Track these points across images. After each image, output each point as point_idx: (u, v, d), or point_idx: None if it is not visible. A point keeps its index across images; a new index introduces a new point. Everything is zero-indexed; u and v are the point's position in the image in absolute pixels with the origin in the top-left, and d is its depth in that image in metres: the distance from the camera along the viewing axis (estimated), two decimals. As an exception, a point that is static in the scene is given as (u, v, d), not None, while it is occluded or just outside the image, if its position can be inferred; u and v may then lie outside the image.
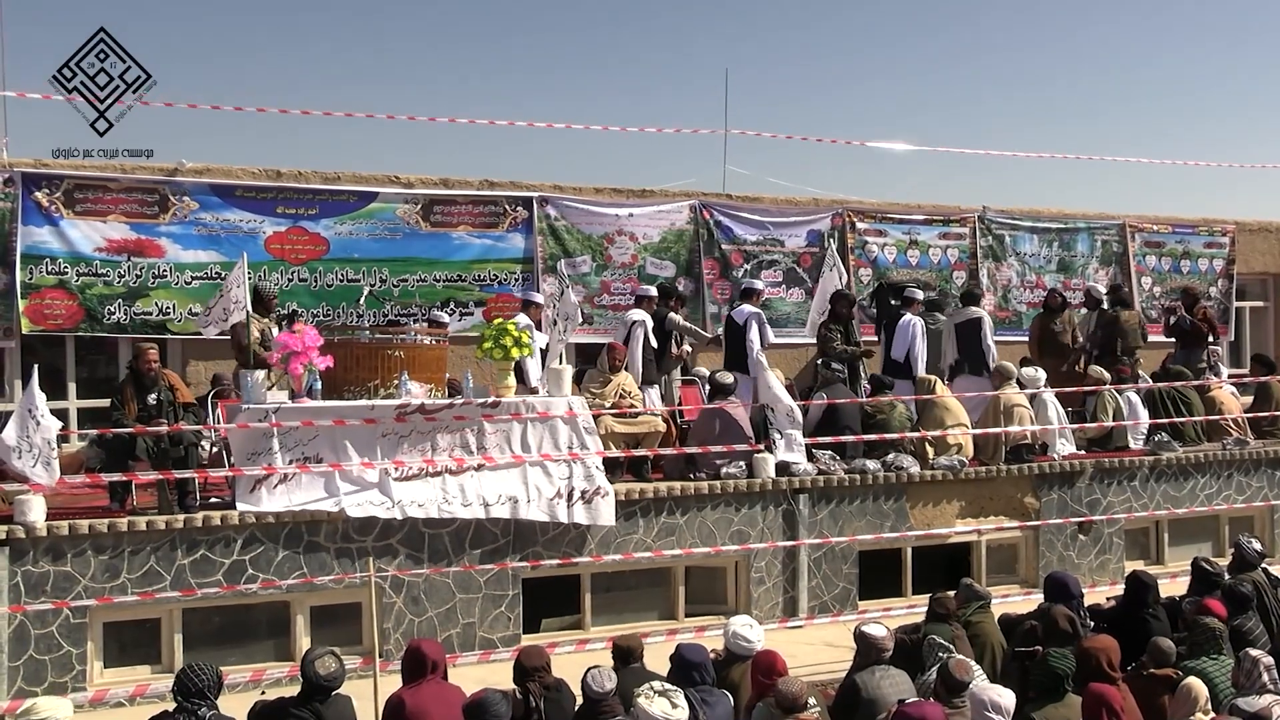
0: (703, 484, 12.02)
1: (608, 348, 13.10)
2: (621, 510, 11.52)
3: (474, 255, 15.78)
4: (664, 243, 16.86)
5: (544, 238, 16.08)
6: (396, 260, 15.33)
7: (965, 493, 13.28)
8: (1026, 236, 19.47)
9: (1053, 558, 13.57)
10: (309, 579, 10.34)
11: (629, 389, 12.77)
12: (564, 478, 11.32)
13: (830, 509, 12.53)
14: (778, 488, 12.28)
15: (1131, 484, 14.15)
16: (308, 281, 14.94)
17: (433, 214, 15.57)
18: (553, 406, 11.54)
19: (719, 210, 17.27)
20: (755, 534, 12.18)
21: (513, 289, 15.84)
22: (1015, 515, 13.54)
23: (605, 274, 16.48)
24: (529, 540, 11.16)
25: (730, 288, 17.10)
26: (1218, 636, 8.45)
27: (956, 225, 18.93)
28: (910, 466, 12.92)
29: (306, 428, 10.53)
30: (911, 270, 18.38)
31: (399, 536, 10.71)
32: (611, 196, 16.75)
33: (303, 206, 14.96)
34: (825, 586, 12.50)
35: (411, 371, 11.18)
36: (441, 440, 11.04)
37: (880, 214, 18.45)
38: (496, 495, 11.00)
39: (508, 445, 11.28)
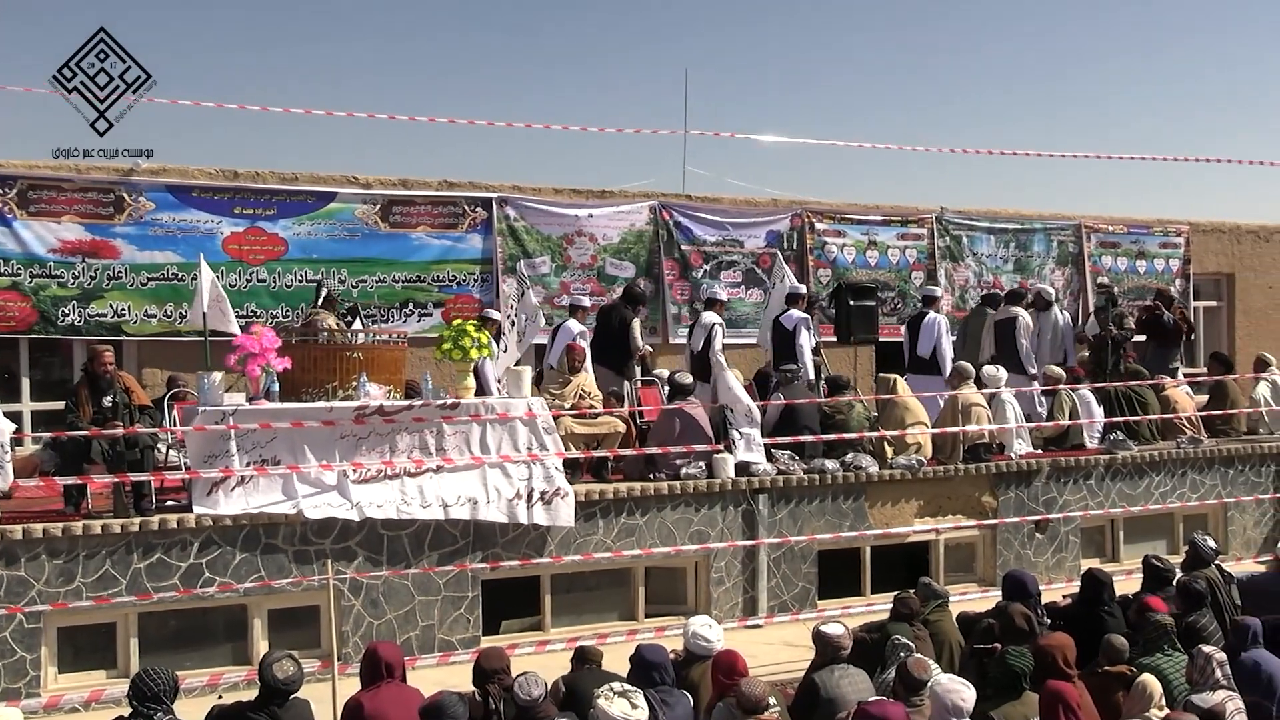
0: (662, 484, 12.02)
1: (567, 349, 13.09)
2: (581, 511, 11.51)
3: (433, 256, 15.73)
4: (624, 243, 16.87)
5: (503, 238, 16.05)
6: (355, 261, 15.27)
7: (924, 492, 13.34)
8: (983, 237, 19.62)
9: (1010, 556, 13.65)
10: (267, 582, 10.27)
11: (588, 390, 12.76)
12: (523, 479, 11.29)
13: (789, 509, 12.56)
14: (737, 488, 12.30)
15: (1087, 483, 14.26)
16: (266, 282, 14.85)
17: (391, 214, 15.52)
18: (512, 408, 11.51)
19: (679, 211, 17.29)
20: (715, 534, 12.19)
21: (472, 290, 15.82)
22: (973, 514, 13.62)
23: (564, 275, 16.47)
24: (488, 541, 11.13)
25: (689, 288, 17.12)
26: (1169, 633, 8.53)
27: (915, 226, 19.04)
28: (869, 466, 12.96)
29: (264, 430, 10.46)
30: (870, 270, 18.47)
31: (358, 538, 10.65)
32: (571, 197, 16.74)
33: (260, 207, 14.89)
34: (784, 586, 12.53)
35: (370, 373, 11.14)
36: (400, 442, 10.99)
37: (839, 215, 18.53)
38: (456, 496, 10.95)
39: (467, 446, 11.24)
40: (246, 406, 10.54)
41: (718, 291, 15.58)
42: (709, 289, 15.44)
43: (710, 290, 15.70)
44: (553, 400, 12.35)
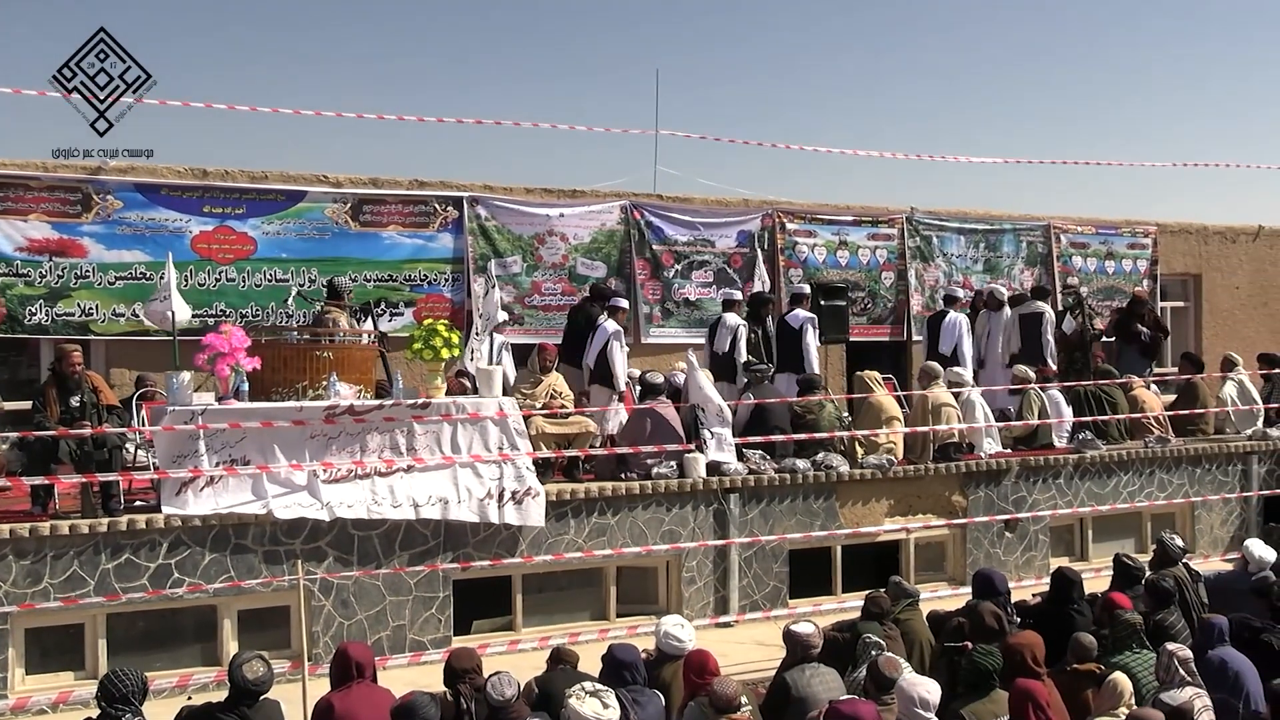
0: (634, 484, 12.03)
1: (538, 349, 13.09)
2: (552, 511, 11.50)
3: (404, 255, 15.69)
4: (595, 243, 16.86)
5: (474, 238, 16.02)
6: (326, 260, 15.21)
7: (894, 491, 13.39)
8: (953, 237, 19.69)
9: (980, 555, 13.72)
10: (236, 582, 10.22)
11: (560, 389, 12.75)
12: (494, 478, 11.28)
13: (761, 508, 12.58)
14: (708, 487, 12.32)
15: (1056, 482, 14.33)
16: (235, 281, 14.78)
17: (362, 213, 15.47)
18: (483, 407, 11.50)
19: (650, 211, 17.29)
20: (686, 533, 12.21)
21: (443, 289, 15.78)
22: (943, 513, 13.67)
23: (536, 274, 16.45)
24: (460, 541, 11.11)
25: (661, 288, 17.13)
26: (1138, 631, 8.59)
27: (885, 226, 19.10)
28: (840, 466, 13.00)
29: (233, 429, 10.41)
30: (841, 270, 18.51)
31: (328, 539, 10.62)
32: (542, 197, 16.73)
33: (230, 205, 14.81)
34: (756, 585, 12.55)
35: (340, 373, 11.10)
36: (371, 441, 10.96)
37: (810, 215, 18.57)
38: (427, 496, 10.93)
39: (438, 446, 11.22)
40: (215, 406, 10.49)
41: (802, 287, 15.81)
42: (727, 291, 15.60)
43: (797, 287, 15.92)
44: (524, 400, 12.34)
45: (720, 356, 14.50)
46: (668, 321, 17.25)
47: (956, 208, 20.01)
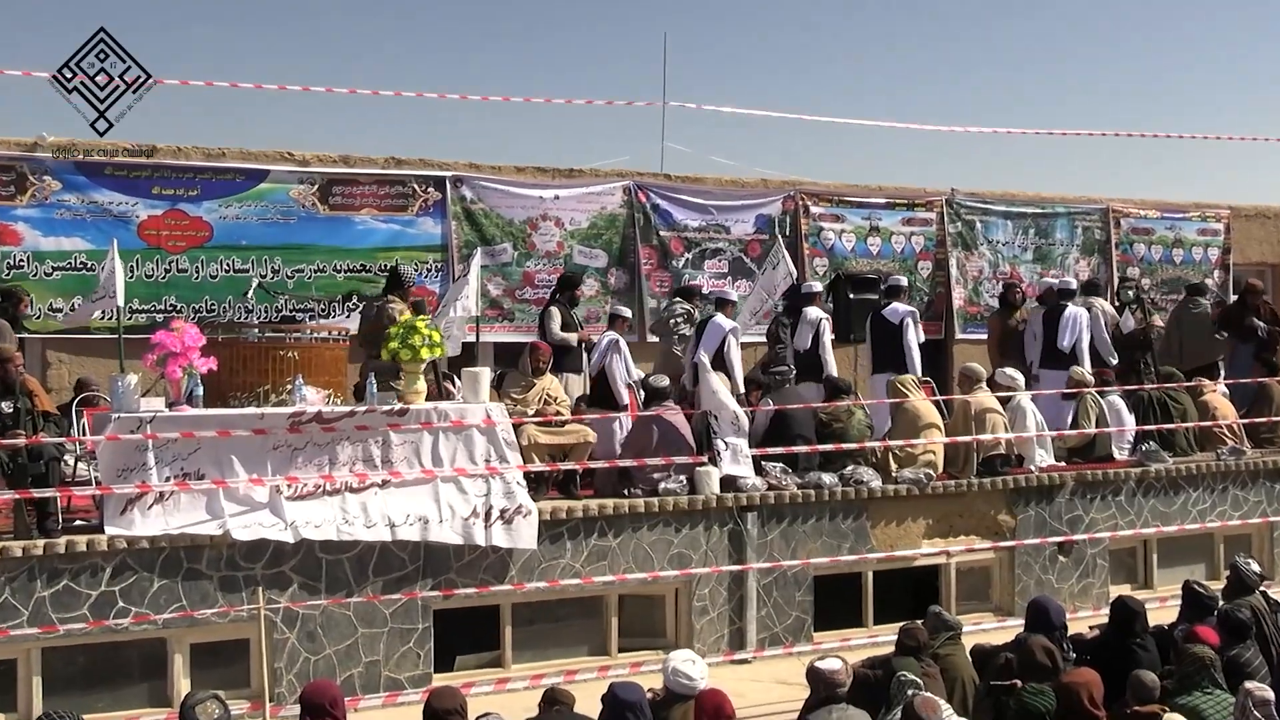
0: (638, 501, 12.00)
1: (530, 348, 13.04)
2: (546, 531, 11.48)
3: (379, 242, 15.69)
4: (594, 229, 16.85)
5: (459, 223, 16.02)
6: (290, 248, 15.22)
7: (933, 510, 13.36)
8: (999, 222, 19.66)
9: (1030, 582, 13.68)
10: (189, 612, 10.21)
11: (554, 394, 12.73)
12: (481, 495, 11.26)
13: (781, 529, 12.56)
14: (722, 505, 12.29)
15: (1117, 499, 14.29)
16: (188, 272, 14.79)
17: (332, 195, 15.46)
18: (468, 414, 11.48)
19: (656, 192, 17.28)
20: (698, 557, 12.18)
21: (425, 281, 15.77)
22: (988, 534, 13.64)
23: (528, 264, 16.44)
24: (441, 566, 11.09)
25: (669, 279, 17.11)
26: (1209, 668, 8.54)
27: (922, 210, 19.07)
28: (871, 481, 12.96)
29: (186, 440, 10.40)
30: (872, 260, 18.50)
31: (292, 563, 10.60)
32: (535, 177, 16.72)
33: (182, 187, 14.81)
34: (776, 616, 12.53)
35: (307, 375, 11.09)
36: (341, 453, 10.95)
37: (837, 197, 18.55)
38: (404, 515, 10.92)
39: (417, 458, 11.20)
40: (166, 413, 10.47)
41: (899, 279, 16.05)
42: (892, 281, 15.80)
43: (893, 279, 16.10)
44: (514, 406, 12.32)
45: (801, 354, 14.77)
46: (678, 317, 17.20)
47: (1002, 189, 19.99)
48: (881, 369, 15.04)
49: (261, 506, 10.59)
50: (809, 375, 14.56)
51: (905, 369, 14.69)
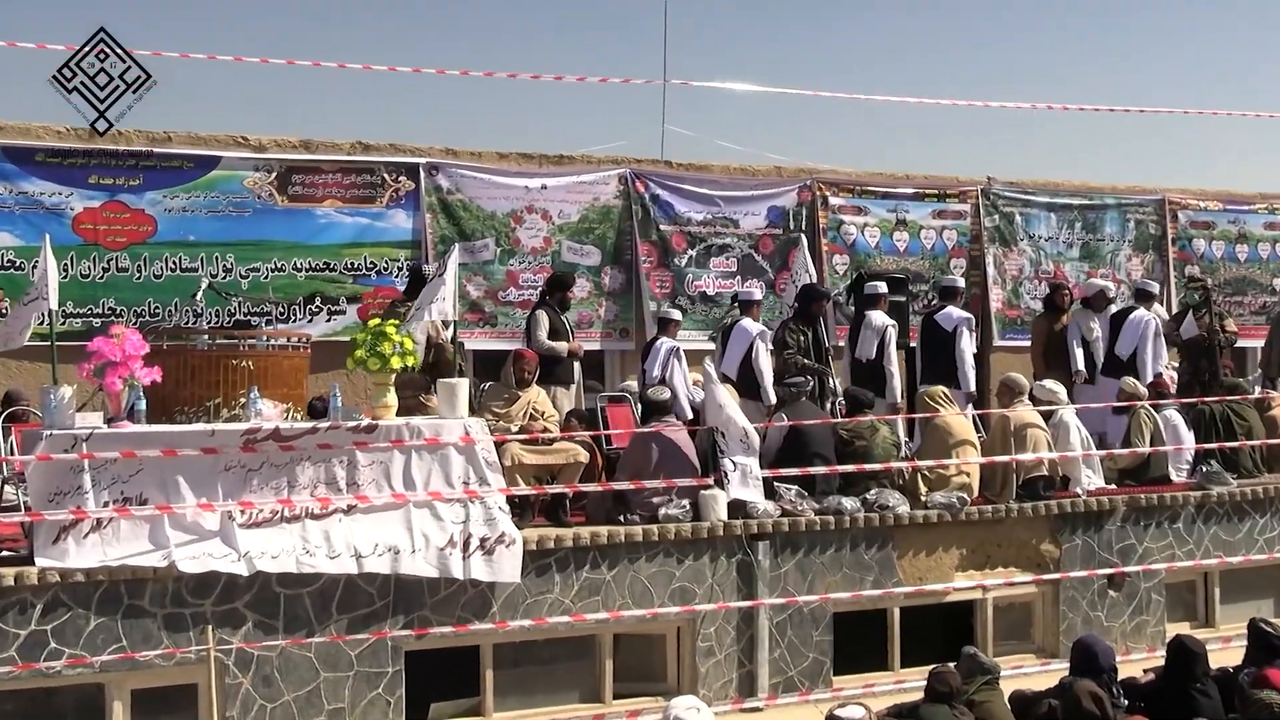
0: (635, 529, 12.01)
1: (514, 356, 13.03)
2: (532, 562, 11.48)
3: (344, 238, 15.73)
4: (585, 222, 16.88)
5: (434, 215, 16.04)
6: (244, 244, 15.24)
7: (967, 538, 13.36)
8: (1042, 215, 19.69)
9: (1076, 619, 13.69)
10: (130, 654, 10.20)
11: (542, 408, 12.72)
12: (458, 522, 11.26)
13: (797, 560, 12.57)
14: (730, 533, 12.30)
15: (1174, 526, 14.29)
16: (129, 271, 14.80)
17: (291, 185, 15.49)
18: (444, 431, 11.47)
19: (656, 181, 17.31)
20: (702, 592, 12.19)
21: (395, 280, 15.77)
22: (1029, 566, 13.64)
23: (512, 262, 16.46)
24: (414, 602, 11.09)
25: (671, 279, 17.12)
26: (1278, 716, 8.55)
27: (955, 201, 19.10)
28: (898, 506, 12.96)
29: (127, 460, 10.39)
30: (899, 258, 18.53)
31: (246, 598, 10.59)
32: (520, 164, 16.75)
33: (123, 175, 14.84)
34: (791, 658, 12.54)
35: (263, 387, 11.09)
36: (302, 475, 10.94)
37: (859, 187, 18.59)
38: (372, 544, 10.91)
39: (387, 481, 11.20)
40: (104, 430, 10.47)
41: (955, 280, 16.19)
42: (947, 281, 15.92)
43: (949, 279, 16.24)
44: (496, 422, 12.32)
45: (864, 364, 14.85)
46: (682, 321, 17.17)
47: (1045, 177, 20.02)
48: (931, 380, 15.01)
49: (211, 535, 10.57)
50: (875, 388, 14.50)
51: (957, 381, 14.68)
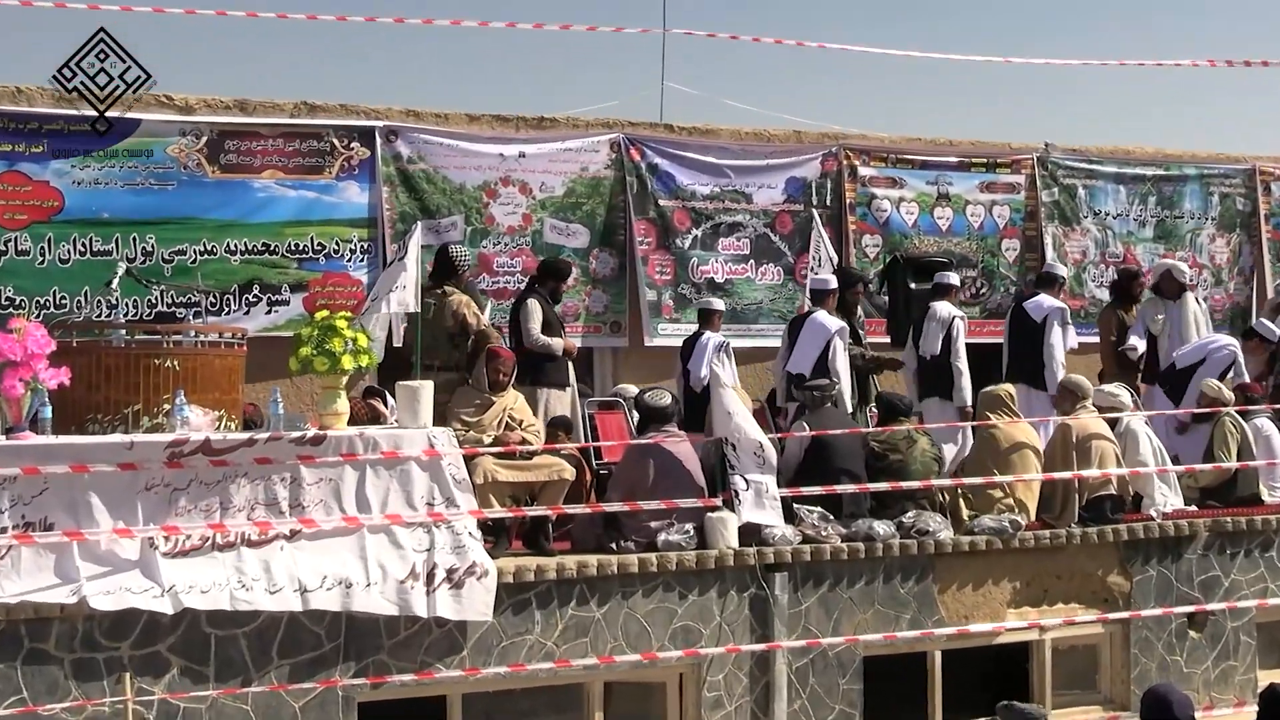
0: (630, 557, 12.00)
1: (487, 355, 13.00)
2: (508, 598, 11.48)
3: (287, 215, 15.72)
4: (572, 197, 16.87)
5: (392, 188, 16.02)
6: (168, 223, 15.25)
7: (1021, 569, 13.37)
8: (1110, 188, 19.69)
9: (1150, 665, 13.71)
10: (31, 707, 10.20)
11: (519, 416, 12.71)
12: (421, 550, 11.25)
13: (821, 594, 12.58)
14: (742, 563, 12.30)
15: (1266, 555, 14.31)
16: (30, 255, 14.81)
17: (224, 153, 15.47)
18: (404, 443, 11.47)
19: (654, 148, 17.29)
20: (709, 632, 12.20)
21: (348, 265, 15.76)
22: (1095, 602, 13.66)
23: (485, 243, 16.44)
24: (369, 644, 11.09)
25: (672, 263, 17.10)
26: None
27: (1007, 172, 19.10)
28: (939, 531, 12.96)
29: (29, 477, 10.38)
30: (941, 237, 18.53)
31: (171, 640, 10.58)
32: (494, 128, 16.74)
33: (22, 141, 14.87)
34: (814, 709, 12.56)
35: (190, 391, 11.09)
36: (237, 495, 10.93)
37: (894, 155, 18.58)
38: (320, 577, 10.90)
39: (337, 502, 11.20)
40: (2, 441, 10.48)
41: (1056, 267, 16.21)
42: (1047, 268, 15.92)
43: (1049, 266, 16.36)
44: (465, 432, 12.32)
45: (928, 361, 14.94)
46: (684, 313, 17.23)
47: (1113, 143, 20.00)
48: (1016, 378, 15.09)
49: (130, 566, 10.56)
50: (936, 390, 14.63)
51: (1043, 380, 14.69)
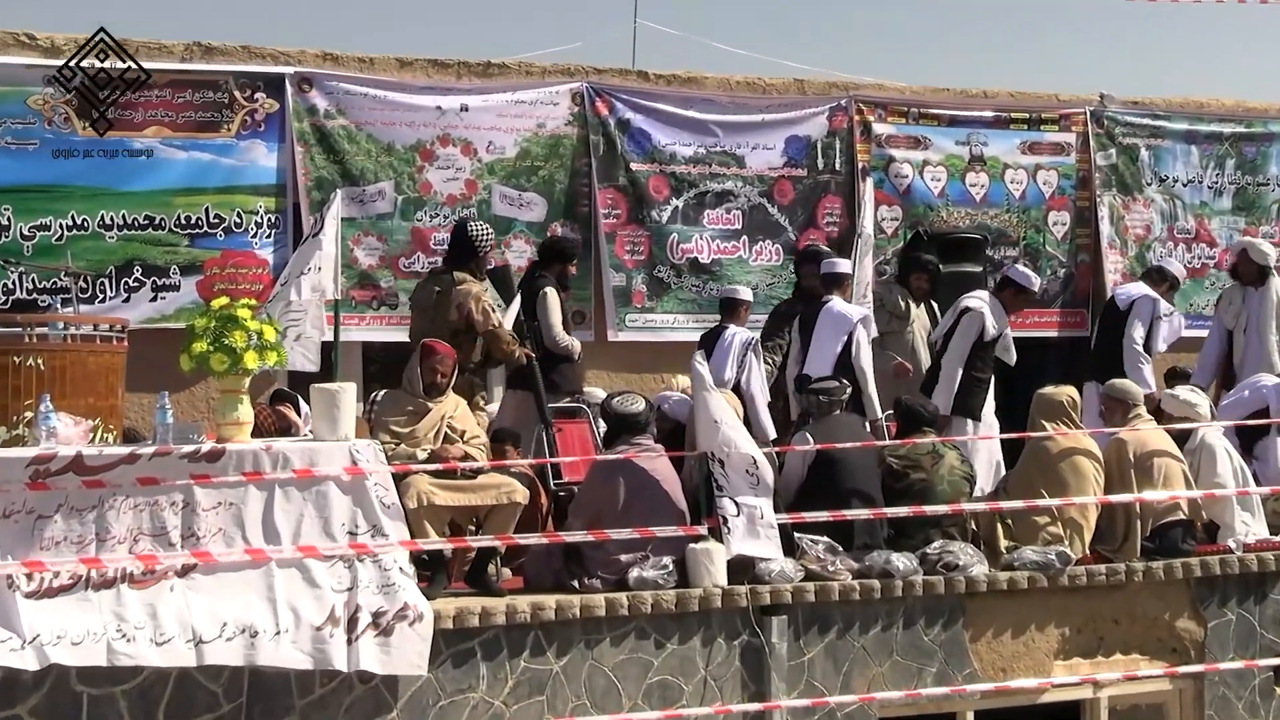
0: (595, 597, 12.01)
1: (422, 351, 12.92)
2: (447, 647, 11.48)
3: (177, 181, 15.76)
4: (526, 159, 16.88)
5: (306, 149, 16.01)
6: (29, 191, 15.29)
7: (1070, 612, 13.40)
8: (1179, 149, 19.73)
9: (1229, 728, 13.78)
10: None
11: (460, 425, 12.67)
12: (341, 589, 11.23)
13: (828, 642, 12.60)
14: (732, 604, 12.31)
15: (1368, 594, 14.38)
16: None
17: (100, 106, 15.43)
18: (321, 459, 11.45)
19: (626, 100, 17.29)
20: (692, 689, 12.21)
21: (252, 242, 15.73)
22: (1161, 652, 13.70)
23: (419, 215, 16.41)
24: (277, 705, 11.09)
25: (647, 240, 17.08)
26: None
27: (1054, 129, 19.13)
28: (971, 566, 12.97)
29: None
30: (973, 209, 18.55)
31: (34, 702, 10.57)
32: (430, 75, 16.75)
33: None
34: (820, 783, 12.60)
35: (58, 395, 11.09)
36: (116, 522, 10.89)
37: (918, 108, 18.60)
38: (218, 624, 10.87)
39: (239, 531, 11.17)
40: None
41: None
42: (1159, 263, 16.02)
43: (1164, 261, 16.48)
44: (396, 445, 12.29)
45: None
46: (661, 300, 17.32)
47: (1182, 95, 20.02)
48: (1098, 374, 15.18)
49: (-16, 609, 10.58)
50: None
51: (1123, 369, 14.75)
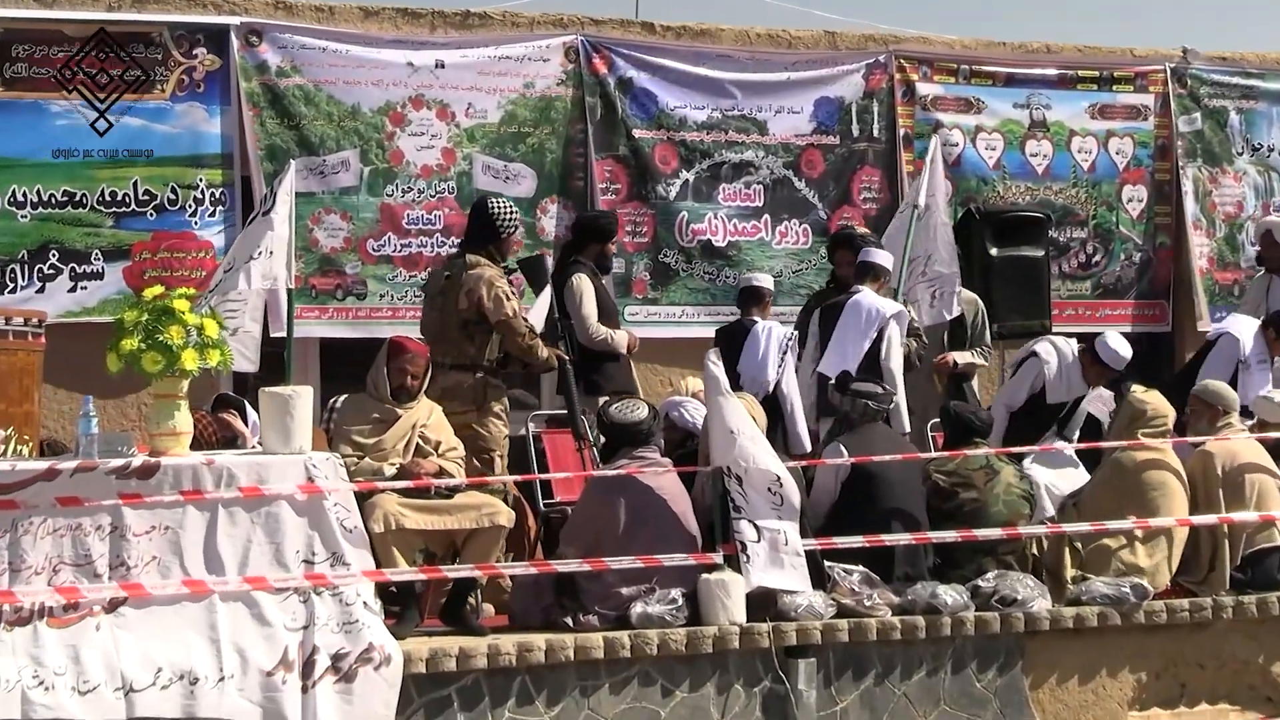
0: (593, 637, 11.99)
1: (389, 349, 12.87)
2: (420, 695, 11.48)
3: (101, 151, 15.69)
4: (512, 125, 16.88)
5: (256, 113, 16.00)
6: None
7: (1149, 654, 13.40)
8: (1275, 113, 19.69)
9: (1339, 793, 13.76)
10: None
11: (435, 435, 12.64)
12: (296, 627, 11.21)
13: (864, 689, 12.59)
14: (752, 645, 12.30)
15: None
16: None
17: (6, 62, 15.45)
18: (272, 475, 11.42)
19: (628, 57, 17.29)
20: (706, 744, 12.21)
21: (192, 221, 15.73)
22: (1255, 701, 13.70)
23: (389, 190, 16.39)
24: (221, 763, 11.08)
25: (652, 219, 17.07)
26: None
27: (1129, 90, 19.10)
28: (1031, 599, 12.95)
29: None
30: (1035, 184, 18.52)
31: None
32: (401, 27, 16.74)
33: None
34: None
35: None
36: (32, 550, 10.87)
37: (970, 66, 18.58)
38: (152, 668, 10.85)
39: (176, 560, 11.15)
40: None
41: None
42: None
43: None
44: (360, 459, 12.27)
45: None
46: (667, 290, 17.32)
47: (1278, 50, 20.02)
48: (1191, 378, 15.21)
49: (-123, 652, 10.57)
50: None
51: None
